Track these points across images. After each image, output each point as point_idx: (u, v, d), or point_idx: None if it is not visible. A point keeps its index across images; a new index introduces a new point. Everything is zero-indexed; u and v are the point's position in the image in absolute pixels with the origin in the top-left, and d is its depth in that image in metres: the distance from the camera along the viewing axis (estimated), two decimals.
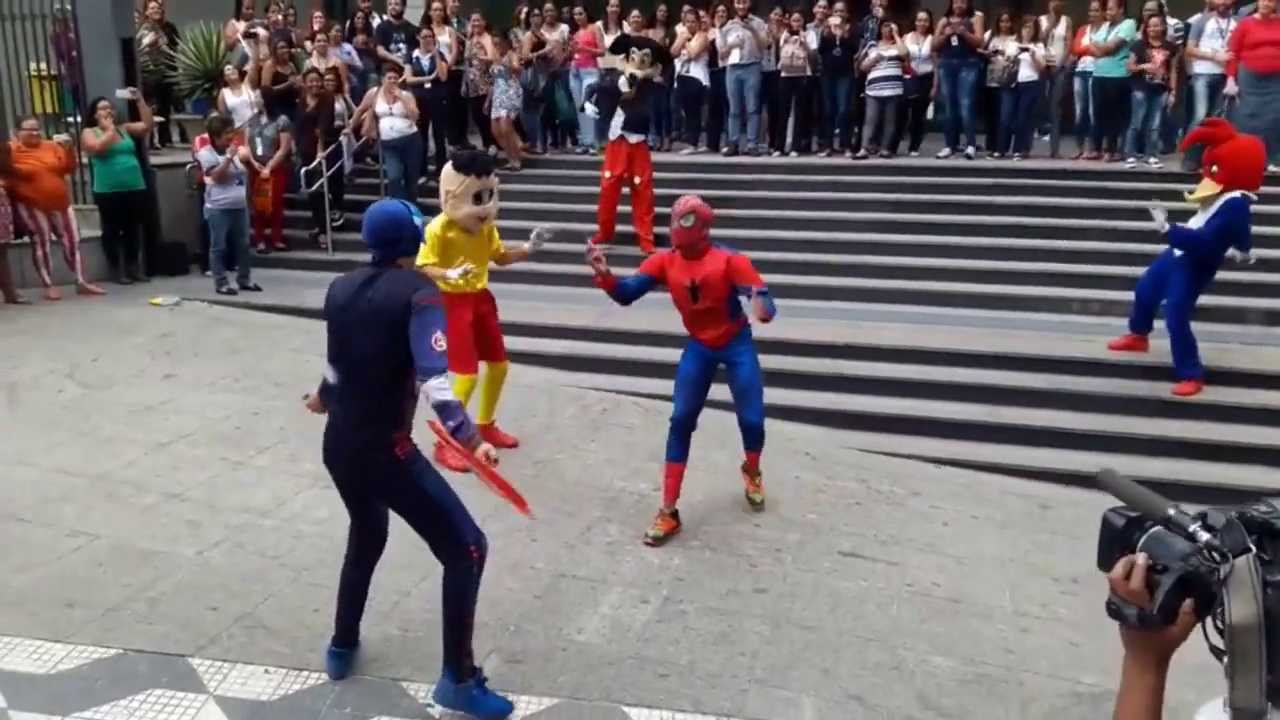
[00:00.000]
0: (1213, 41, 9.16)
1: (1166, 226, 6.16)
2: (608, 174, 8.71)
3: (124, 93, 9.10)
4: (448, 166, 5.30)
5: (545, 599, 4.08)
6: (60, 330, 7.61)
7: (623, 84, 8.63)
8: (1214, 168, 6.03)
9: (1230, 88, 8.84)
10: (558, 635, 3.83)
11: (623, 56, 8.73)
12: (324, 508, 4.79)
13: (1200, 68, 9.26)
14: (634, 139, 8.65)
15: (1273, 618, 1.06)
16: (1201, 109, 9.14)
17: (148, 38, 10.47)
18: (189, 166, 9.25)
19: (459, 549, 3.21)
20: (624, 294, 4.80)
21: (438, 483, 3.24)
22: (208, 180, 8.51)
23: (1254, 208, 8.15)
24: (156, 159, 9.75)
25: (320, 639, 3.67)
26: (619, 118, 8.65)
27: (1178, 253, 6.23)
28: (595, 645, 3.78)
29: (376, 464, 3.19)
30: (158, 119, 10.35)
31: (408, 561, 3.83)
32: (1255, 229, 7.92)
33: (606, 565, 4.41)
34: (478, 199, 5.10)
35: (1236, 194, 5.99)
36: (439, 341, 3.00)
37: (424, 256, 4.95)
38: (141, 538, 4.44)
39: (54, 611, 3.81)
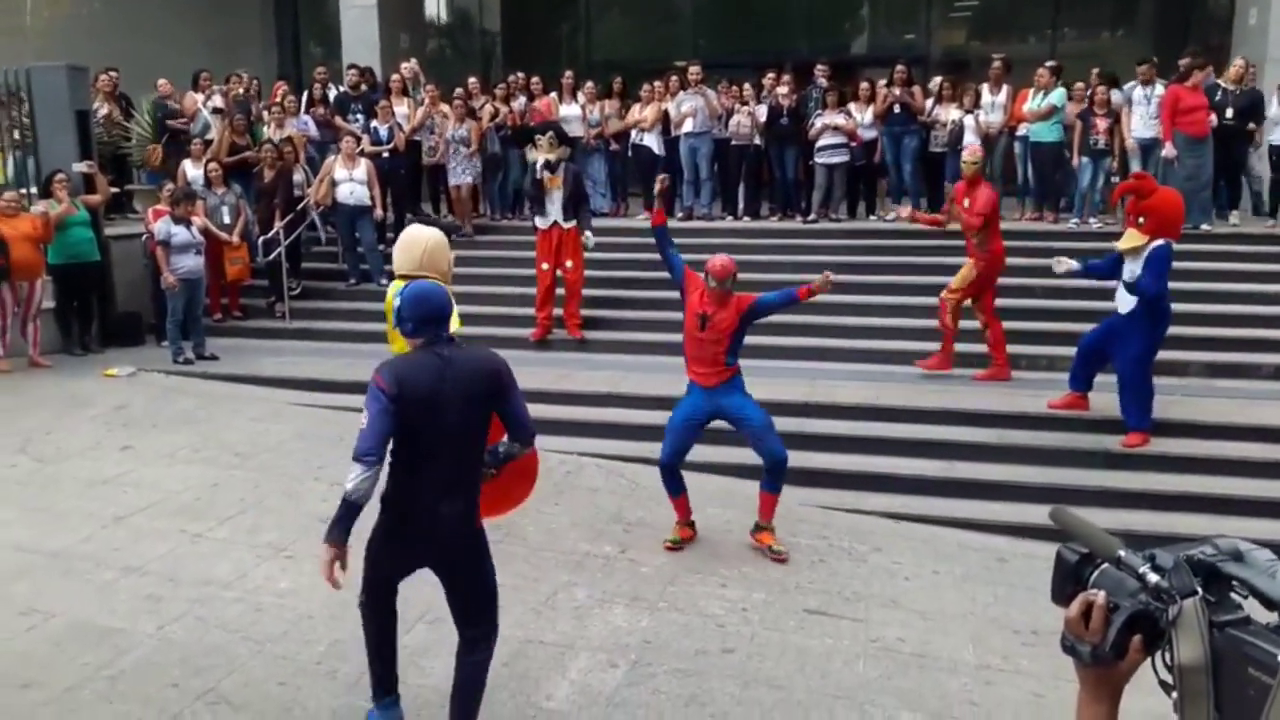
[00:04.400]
0: (1140, 108, 9.63)
1: (1075, 265, 6.59)
2: (545, 265, 8.65)
3: (80, 166, 9.11)
4: (442, 237, 5.41)
5: (512, 665, 4.06)
6: (12, 403, 7.48)
7: (540, 171, 8.56)
8: (1140, 219, 6.33)
9: (1168, 150, 9.24)
10: (526, 703, 3.81)
11: (529, 146, 8.79)
12: (286, 579, 4.76)
13: (1136, 132, 9.65)
14: (568, 225, 8.62)
15: (1220, 659, 1.11)
16: (1136, 168, 9.52)
17: (103, 110, 10.50)
18: (144, 237, 9.22)
19: (494, 625, 3.36)
20: (665, 244, 5.32)
21: None
22: (159, 252, 8.50)
23: (1193, 264, 8.57)
24: (111, 229, 9.71)
25: (287, 712, 3.62)
26: (551, 205, 8.61)
27: (1124, 310, 6.45)
28: (565, 712, 3.76)
29: (468, 533, 3.27)
30: (112, 189, 10.33)
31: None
32: (1194, 285, 8.33)
33: (574, 630, 4.41)
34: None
35: (1161, 242, 6.27)
36: None
37: (390, 318, 5.03)
38: (100, 614, 4.35)
39: (9, 694, 3.70)
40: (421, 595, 3.55)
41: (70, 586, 4.62)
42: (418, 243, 4.22)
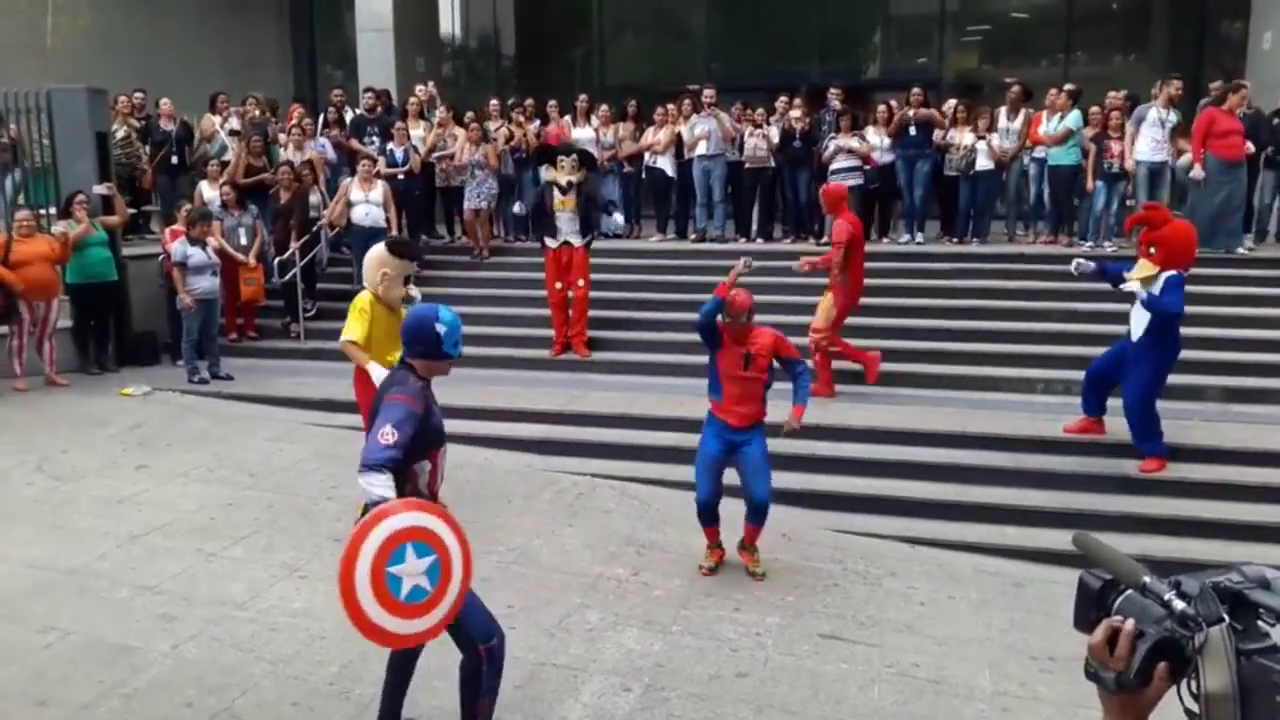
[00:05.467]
0: (1152, 131, 9.58)
1: (1092, 265, 6.57)
2: (559, 285, 8.79)
3: (100, 188, 9.21)
4: (382, 249, 5.64)
5: (526, 689, 4.05)
6: (29, 422, 7.53)
7: (557, 192, 8.66)
8: (1151, 249, 6.32)
9: (1197, 173, 9.19)
10: None
11: (548, 165, 8.87)
12: (300, 599, 4.76)
13: (1141, 155, 9.60)
14: (578, 243, 8.74)
15: (1247, 686, 1.10)
16: (1142, 195, 9.50)
17: (121, 131, 10.62)
18: (160, 258, 9.31)
19: (469, 644, 3.28)
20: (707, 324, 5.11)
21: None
22: (175, 273, 8.58)
23: (1210, 289, 8.54)
24: (128, 249, 9.80)
25: None
26: (562, 224, 8.70)
27: (1135, 335, 6.43)
28: None
29: None
30: (129, 210, 10.42)
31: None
32: (1210, 309, 8.31)
33: (587, 653, 4.39)
34: (407, 281, 5.59)
35: (1173, 272, 6.26)
36: (385, 435, 2.98)
37: (348, 329, 5.46)
38: (115, 633, 4.36)
39: (26, 711, 3.72)
40: None
41: (86, 604, 4.63)
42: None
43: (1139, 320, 6.39)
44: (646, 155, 11.22)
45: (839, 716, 3.93)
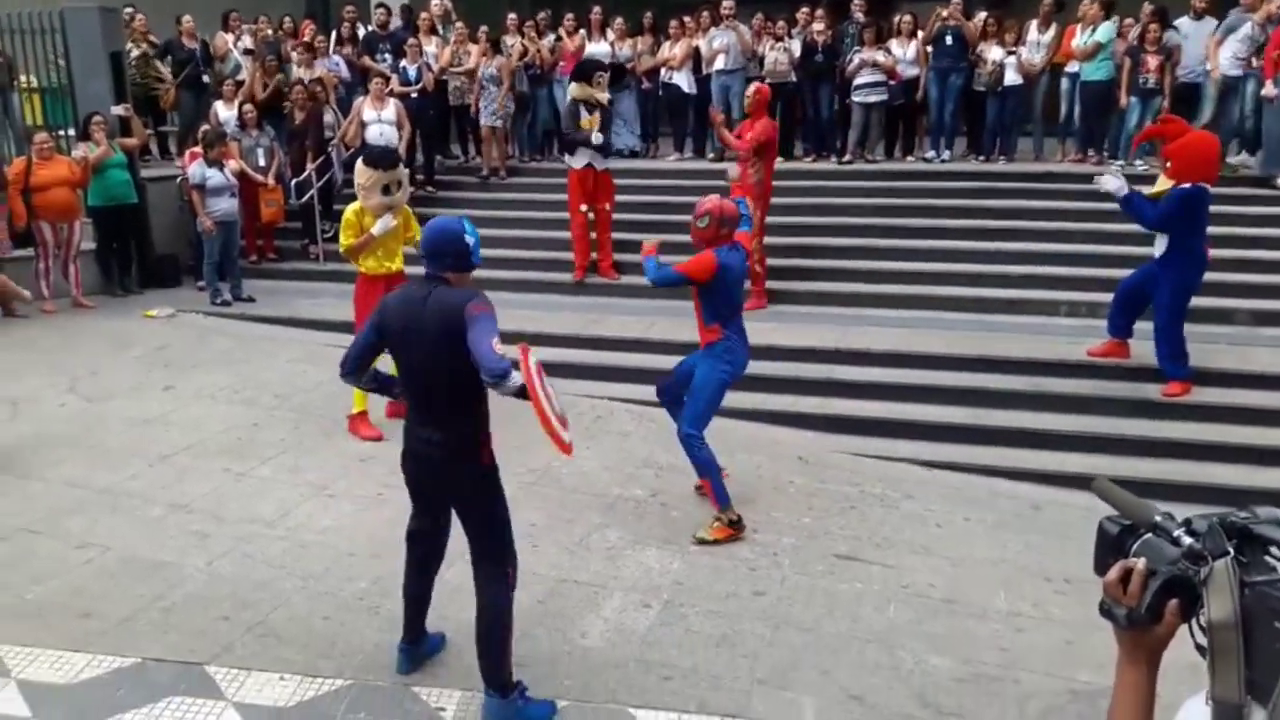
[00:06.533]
0: (1239, 46, 9.07)
1: (1120, 186, 6.33)
2: (583, 207, 8.57)
3: (118, 109, 9.15)
4: (359, 162, 5.87)
5: (548, 604, 4.16)
6: (58, 344, 7.65)
7: (584, 113, 8.43)
8: (1167, 163, 6.20)
9: (1269, 90, 8.74)
10: (562, 639, 3.91)
11: (585, 82, 8.47)
12: (327, 517, 4.88)
13: (1220, 66, 9.11)
14: (601, 166, 8.57)
15: (1249, 616, 1.12)
16: (1209, 110, 9.17)
17: (135, 51, 10.50)
18: (179, 180, 9.30)
19: (500, 566, 3.35)
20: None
21: (504, 498, 3.41)
22: (194, 196, 8.57)
23: (1239, 209, 8.29)
24: (147, 171, 9.79)
25: (332, 645, 3.76)
26: (586, 146, 8.48)
27: (1158, 253, 6.36)
28: (599, 649, 3.86)
29: (465, 471, 3.30)
30: (147, 132, 10.37)
31: None
32: (1239, 229, 8.14)
33: (607, 570, 4.49)
34: (385, 190, 5.70)
35: (1186, 186, 6.14)
36: (496, 345, 3.08)
37: (343, 237, 5.82)
38: (150, 549, 4.50)
39: (71, 622, 3.87)
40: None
41: (121, 522, 4.77)
42: None
43: (1159, 239, 6.31)
44: (662, 71, 10.98)
45: (854, 634, 4.02)
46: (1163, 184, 6.23)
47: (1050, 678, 3.78)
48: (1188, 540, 1.20)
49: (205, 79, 10.75)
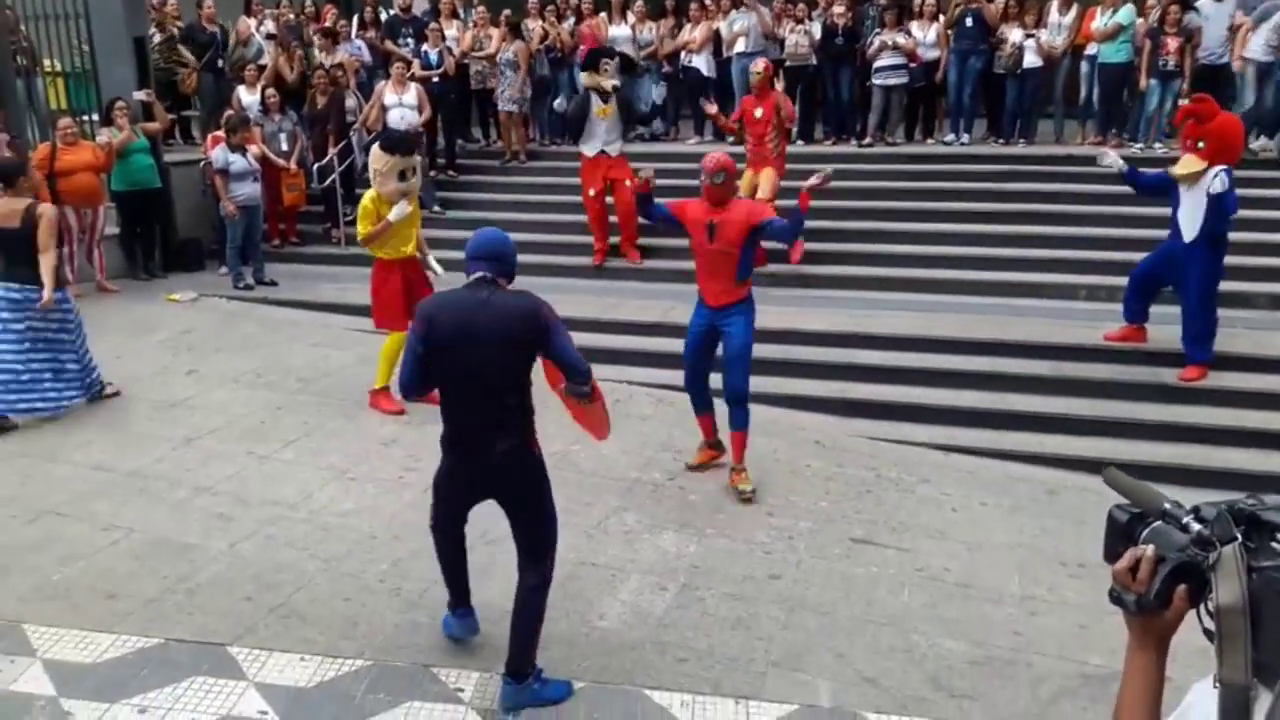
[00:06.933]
0: (1271, 35, 8.94)
1: (1121, 163, 6.43)
2: (593, 192, 8.66)
3: (140, 94, 9.22)
4: (375, 147, 5.90)
5: (566, 586, 4.20)
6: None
7: (595, 101, 8.52)
8: (1200, 144, 6.13)
9: None
10: (580, 621, 3.97)
11: (592, 70, 8.59)
12: (350, 501, 4.95)
13: (1253, 53, 9.03)
14: (614, 152, 8.63)
15: (1256, 600, 1.15)
16: (1250, 96, 9.06)
17: (159, 36, 10.56)
18: (202, 164, 9.37)
19: (548, 556, 3.46)
20: (649, 210, 5.27)
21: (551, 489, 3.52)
22: (217, 180, 8.64)
23: (1260, 191, 8.26)
24: (170, 156, 9.87)
25: (353, 626, 3.83)
26: (599, 132, 8.57)
27: (1188, 237, 6.29)
28: (616, 631, 3.91)
29: (520, 466, 3.37)
30: (169, 116, 10.45)
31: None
32: (1261, 213, 8.08)
33: (624, 554, 4.54)
34: (402, 176, 5.76)
35: (1222, 167, 6.08)
36: (574, 346, 3.32)
37: (360, 225, 5.89)
38: (175, 531, 4.58)
39: (97, 603, 3.95)
40: (480, 516, 3.68)
41: (146, 504, 4.86)
42: None
43: (1191, 220, 6.23)
44: (682, 54, 10.95)
45: (869, 618, 4.06)
46: (1191, 164, 6.15)
47: (1063, 661, 3.80)
48: (1196, 527, 1.22)
49: (220, 64, 10.82)
